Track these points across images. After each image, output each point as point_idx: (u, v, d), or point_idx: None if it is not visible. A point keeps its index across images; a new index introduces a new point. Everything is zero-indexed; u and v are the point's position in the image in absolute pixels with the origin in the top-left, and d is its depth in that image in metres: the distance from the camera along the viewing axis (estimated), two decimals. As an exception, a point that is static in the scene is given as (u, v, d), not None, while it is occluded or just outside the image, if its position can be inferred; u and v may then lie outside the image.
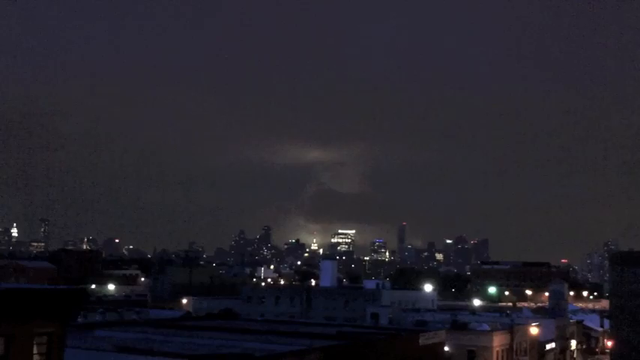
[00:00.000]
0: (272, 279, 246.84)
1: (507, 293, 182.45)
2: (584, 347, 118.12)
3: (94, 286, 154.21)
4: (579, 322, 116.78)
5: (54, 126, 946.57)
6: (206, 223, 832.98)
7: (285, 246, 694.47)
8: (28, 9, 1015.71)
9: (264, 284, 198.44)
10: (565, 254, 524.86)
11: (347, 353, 45.75)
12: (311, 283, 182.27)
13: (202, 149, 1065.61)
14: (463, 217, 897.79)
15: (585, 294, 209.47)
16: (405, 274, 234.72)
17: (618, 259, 74.28)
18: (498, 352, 75.91)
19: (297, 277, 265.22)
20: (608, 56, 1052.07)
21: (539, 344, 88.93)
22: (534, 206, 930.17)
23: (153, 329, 53.37)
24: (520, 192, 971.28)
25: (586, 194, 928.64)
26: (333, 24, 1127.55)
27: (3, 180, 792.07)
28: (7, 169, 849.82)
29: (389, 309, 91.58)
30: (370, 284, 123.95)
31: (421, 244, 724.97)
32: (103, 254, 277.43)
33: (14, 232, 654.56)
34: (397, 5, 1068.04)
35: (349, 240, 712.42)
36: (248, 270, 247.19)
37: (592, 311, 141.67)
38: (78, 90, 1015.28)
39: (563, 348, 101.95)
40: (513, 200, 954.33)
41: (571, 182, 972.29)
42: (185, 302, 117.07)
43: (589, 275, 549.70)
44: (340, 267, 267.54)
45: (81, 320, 67.79)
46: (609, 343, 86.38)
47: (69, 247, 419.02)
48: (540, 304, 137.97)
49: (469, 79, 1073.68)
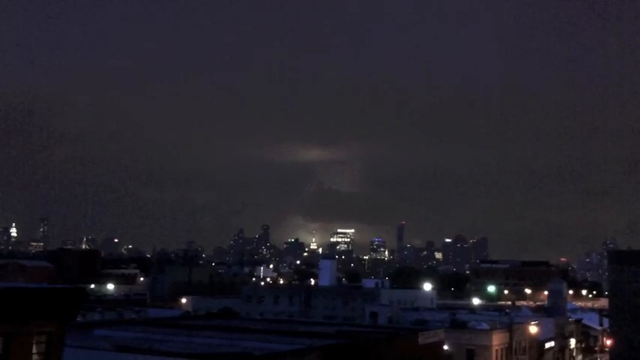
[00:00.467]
0: (271, 278, 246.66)
1: (506, 292, 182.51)
2: (583, 346, 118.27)
3: (93, 286, 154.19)
4: (578, 321, 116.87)
5: (53, 125, 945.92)
6: (205, 223, 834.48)
7: (284, 245, 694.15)
8: (27, 6, 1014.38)
9: (263, 284, 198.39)
10: (564, 253, 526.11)
11: (346, 352, 45.74)
12: (310, 283, 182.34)
13: (202, 148, 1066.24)
14: (462, 217, 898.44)
15: (584, 293, 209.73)
16: (405, 274, 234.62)
17: (617, 258, 74.26)
18: (497, 351, 75.97)
19: (296, 277, 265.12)
20: (607, 55, 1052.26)
21: (538, 343, 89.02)
22: (533, 205, 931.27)
23: (152, 328, 53.33)
24: (519, 191, 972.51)
25: (585, 193, 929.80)
26: (335, 23, 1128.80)
27: (2, 179, 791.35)
28: (6, 169, 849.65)
29: (388, 308, 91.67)
30: (369, 283, 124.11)
31: (420, 244, 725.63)
32: (102, 254, 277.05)
33: (13, 232, 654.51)
34: (398, 5, 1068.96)
35: (348, 239, 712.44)
36: (247, 269, 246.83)
37: (591, 310, 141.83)
38: (78, 89, 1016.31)
39: (562, 347, 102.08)
40: (512, 199, 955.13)
41: (570, 181, 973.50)
42: (184, 302, 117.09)
43: (588, 274, 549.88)
44: (339, 266, 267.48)
45: (80, 320, 67.85)
46: (608, 342, 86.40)
47: (68, 247, 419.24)
48: (539, 303, 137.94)
49: (469, 79, 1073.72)
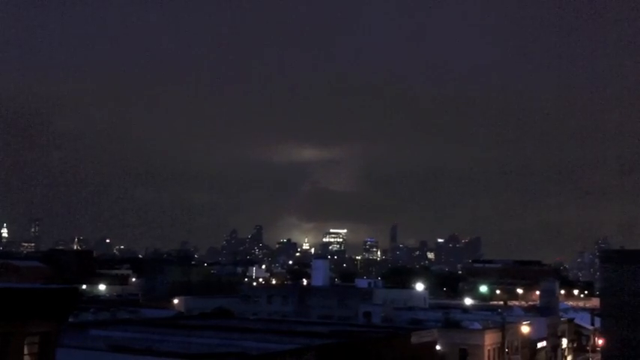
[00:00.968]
0: (264, 278, 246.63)
1: (499, 292, 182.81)
2: (575, 345, 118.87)
3: (85, 286, 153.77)
4: (570, 321, 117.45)
5: (44, 125, 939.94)
6: (199, 223, 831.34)
7: (277, 245, 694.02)
8: (24, 6, 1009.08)
9: (255, 284, 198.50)
10: (556, 253, 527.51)
11: (342, 352, 46.02)
12: (303, 283, 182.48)
13: (195, 148, 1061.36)
14: (455, 217, 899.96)
15: (576, 292, 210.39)
16: (398, 273, 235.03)
17: (609, 258, 74.84)
18: (490, 351, 76.34)
19: (288, 277, 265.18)
20: (605, 54, 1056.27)
21: (530, 342, 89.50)
22: (526, 205, 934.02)
23: (148, 328, 53.43)
24: (512, 191, 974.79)
25: (578, 193, 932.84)
26: (331, 21, 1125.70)
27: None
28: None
29: (381, 308, 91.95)
30: (362, 283, 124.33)
31: (413, 243, 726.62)
32: (95, 254, 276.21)
33: (4, 232, 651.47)
34: (396, 4, 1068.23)
35: (341, 239, 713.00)
36: (240, 269, 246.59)
37: (583, 309, 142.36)
38: (70, 89, 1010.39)
39: (554, 346, 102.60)
40: (506, 199, 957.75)
41: (562, 181, 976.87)
42: (177, 302, 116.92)
43: (580, 274, 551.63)
44: (332, 266, 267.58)
45: (73, 320, 67.82)
46: (600, 341, 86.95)
47: (60, 247, 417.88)
48: (532, 303, 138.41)
49: (464, 78, 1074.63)
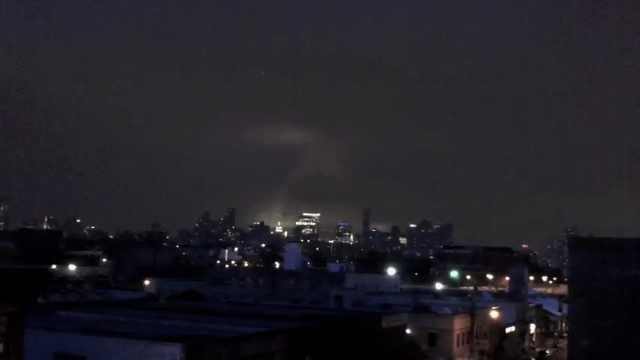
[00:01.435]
0: (236, 261, 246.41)
1: (469, 277, 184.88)
2: (542, 331, 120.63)
3: (55, 267, 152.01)
4: (538, 307, 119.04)
5: (13, 100, 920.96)
6: (170, 205, 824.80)
7: (249, 228, 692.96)
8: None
9: (227, 266, 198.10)
10: (526, 240, 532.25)
11: (311, 335, 46.03)
12: (275, 266, 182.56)
13: (169, 128, 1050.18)
14: (428, 202, 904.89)
15: (545, 279, 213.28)
16: (371, 257, 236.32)
17: (577, 245, 75.77)
18: (459, 335, 77.13)
19: (261, 260, 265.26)
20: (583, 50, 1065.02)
21: (499, 327, 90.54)
22: (497, 192, 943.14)
23: (117, 310, 52.91)
24: (483, 178, 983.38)
25: (547, 181, 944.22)
26: (320, 7, 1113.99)
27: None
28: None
29: (352, 292, 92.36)
30: (335, 267, 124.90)
31: (385, 228, 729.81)
32: (64, 234, 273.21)
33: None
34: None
35: (314, 223, 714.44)
36: (212, 252, 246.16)
37: (551, 296, 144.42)
38: (40, 63, 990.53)
39: (522, 331, 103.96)
40: (477, 186, 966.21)
41: (532, 169, 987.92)
42: (148, 284, 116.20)
43: (549, 260, 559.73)
44: (304, 250, 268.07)
45: (41, 301, 66.97)
46: (567, 327, 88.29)
47: (29, 227, 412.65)
48: (501, 289, 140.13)
49: (441, 64, 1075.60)
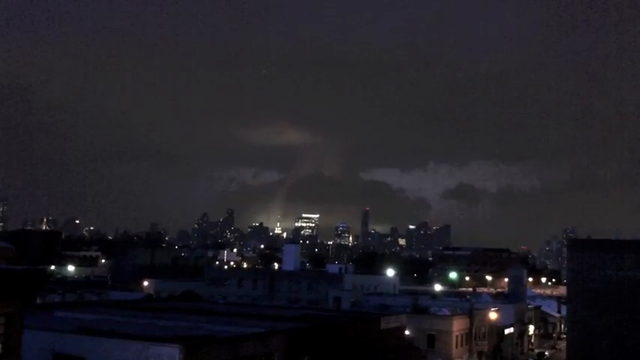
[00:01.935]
0: (235, 262, 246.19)
1: (468, 278, 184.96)
2: (541, 332, 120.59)
3: (54, 267, 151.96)
4: (537, 308, 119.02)
5: (13, 100, 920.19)
6: (169, 205, 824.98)
7: (248, 229, 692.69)
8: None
9: (226, 267, 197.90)
10: (525, 241, 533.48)
11: (310, 336, 45.94)
12: (274, 267, 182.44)
13: (169, 129, 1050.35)
14: (427, 203, 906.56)
15: (544, 280, 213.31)
16: (370, 259, 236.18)
17: (576, 246, 75.80)
18: (458, 337, 77.06)
19: (260, 261, 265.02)
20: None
21: (498, 329, 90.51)
22: (497, 192, 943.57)
23: (115, 311, 52.82)
24: (481, 180, 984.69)
25: (546, 182, 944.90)
26: (320, 7, 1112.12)
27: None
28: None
29: (351, 293, 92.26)
30: (333, 268, 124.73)
31: (384, 230, 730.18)
32: (63, 235, 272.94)
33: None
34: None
35: (313, 224, 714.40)
36: (211, 253, 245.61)
37: (550, 297, 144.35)
38: (40, 63, 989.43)
39: (521, 332, 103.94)
40: (477, 186, 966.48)
41: (531, 170, 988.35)
42: (146, 284, 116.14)
43: (548, 262, 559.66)
44: (303, 251, 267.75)
45: (40, 301, 66.92)
46: (566, 329, 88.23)
47: (28, 228, 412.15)
48: (500, 290, 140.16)
49: (441, 64, 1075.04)
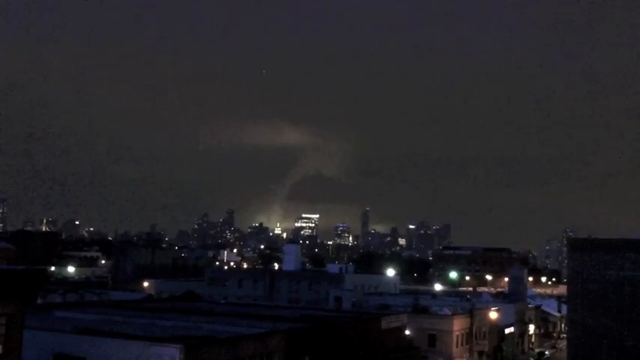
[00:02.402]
0: (235, 262, 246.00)
1: (468, 278, 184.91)
2: (541, 332, 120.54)
3: (54, 268, 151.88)
4: (538, 307, 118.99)
5: (13, 100, 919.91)
6: (169, 206, 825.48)
7: (248, 229, 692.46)
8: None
9: (226, 267, 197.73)
10: (525, 240, 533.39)
11: (310, 336, 45.91)
12: (274, 267, 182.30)
13: (168, 131, 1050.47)
14: (427, 203, 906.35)
15: (544, 280, 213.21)
16: (370, 258, 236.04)
17: (576, 246, 75.73)
18: (458, 336, 77.01)
19: (260, 261, 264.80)
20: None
21: (498, 328, 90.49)
22: (496, 193, 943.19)
23: (115, 311, 52.80)
24: (482, 179, 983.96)
25: (546, 182, 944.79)
26: (321, 7, 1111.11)
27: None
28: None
29: (352, 293, 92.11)
30: (333, 268, 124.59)
31: (384, 229, 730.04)
32: (63, 236, 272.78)
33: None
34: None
35: (313, 224, 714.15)
36: (211, 253, 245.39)
37: (550, 297, 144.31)
38: (37, 64, 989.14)
39: (521, 332, 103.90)
40: (475, 187, 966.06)
41: (531, 170, 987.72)
42: (147, 285, 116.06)
43: (548, 261, 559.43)
44: (304, 251, 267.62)
45: (40, 302, 66.78)
46: (566, 328, 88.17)
47: (28, 228, 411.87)
48: (500, 289, 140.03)
49: (441, 64, 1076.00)
